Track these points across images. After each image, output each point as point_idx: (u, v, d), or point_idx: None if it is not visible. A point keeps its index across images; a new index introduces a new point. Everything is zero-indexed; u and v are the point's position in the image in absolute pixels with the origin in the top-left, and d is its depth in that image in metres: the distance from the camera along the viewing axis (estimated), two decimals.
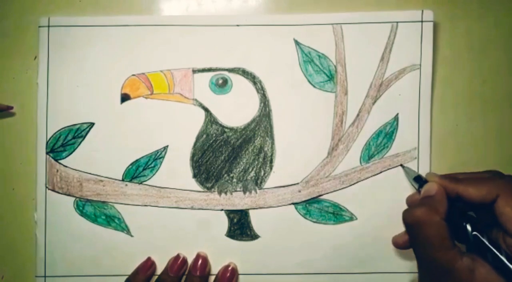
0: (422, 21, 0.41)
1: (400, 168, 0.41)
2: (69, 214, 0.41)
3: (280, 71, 0.42)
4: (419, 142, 0.41)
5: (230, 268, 0.41)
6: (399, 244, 0.37)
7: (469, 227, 0.30)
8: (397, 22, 0.41)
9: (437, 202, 0.31)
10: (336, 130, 0.42)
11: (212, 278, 0.41)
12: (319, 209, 0.42)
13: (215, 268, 0.41)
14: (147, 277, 0.40)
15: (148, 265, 0.41)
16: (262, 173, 0.42)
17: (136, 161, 0.42)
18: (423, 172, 0.41)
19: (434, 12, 0.41)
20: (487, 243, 0.29)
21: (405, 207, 0.38)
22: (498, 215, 0.29)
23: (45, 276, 0.41)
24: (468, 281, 0.28)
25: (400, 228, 0.36)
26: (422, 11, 0.41)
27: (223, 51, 0.42)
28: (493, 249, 0.28)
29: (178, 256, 0.41)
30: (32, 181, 0.42)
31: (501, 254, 0.28)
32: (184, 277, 0.41)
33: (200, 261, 0.40)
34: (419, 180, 0.36)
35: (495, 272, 0.28)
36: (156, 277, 0.41)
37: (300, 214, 0.42)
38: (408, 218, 0.31)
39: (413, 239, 0.31)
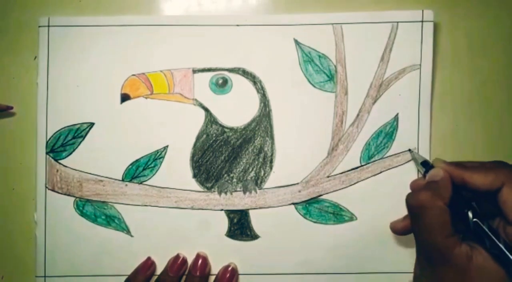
0: (422, 21, 0.41)
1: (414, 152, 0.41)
2: (69, 214, 0.41)
3: (280, 71, 0.42)
4: (419, 142, 0.41)
5: (230, 268, 0.41)
6: (397, 229, 0.37)
7: (470, 214, 0.30)
8: (397, 22, 0.41)
9: (441, 187, 0.31)
10: (336, 130, 0.42)
11: (212, 278, 0.41)
12: (319, 209, 0.42)
13: (215, 268, 0.41)
14: (147, 277, 0.40)
15: (148, 265, 0.41)
16: (262, 173, 0.42)
17: (136, 161, 0.42)
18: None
19: (435, 12, 0.41)
20: (486, 229, 0.29)
21: (405, 206, 0.38)
22: (502, 203, 0.30)
23: (45, 276, 0.41)
24: (464, 267, 0.28)
25: None
26: (423, 11, 0.41)
27: (223, 51, 0.42)
28: (492, 236, 0.29)
29: (178, 256, 0.41)
30: (32, 181, 0.42)
31: (499, 242, 0.28)
32: (184, 277, 0.41)
33: (200, 261, 0.40)
34: (425, 165, 0.36)
35: (492, 260, 0.29)
36: (156, 277, 0.41)
37: (300, 214, 0.42)
38: (411, 201, 0.31)
39: (415, 222, 0.31)
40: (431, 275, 0.30)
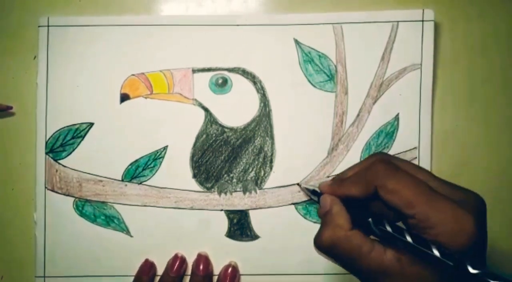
0: (423, 21, 0.41)
1: None
2: (68, 214, 0.41)
3: (280, 71, 0.42)
4: (419, 142, 0.41)
5: (231, 268, 0.41)
6: None
7: (371, 222, 0.29)
8: (397, 21, 0.41)
9: (335, 215, 0.29)
10: (336, 130, 0.42)
11: (215, 278, 0.41)
12: None
13: (215, 268, 0.41)
14: (151, 277, 0.40)
15: (149, 265, 0.41)
16: (262, 173, 0.42)
17: (136, 161, 0.42)
18: None
19: (435, 11, 0.41)
20: (391, 231, 0.28)
21: None
22: (386, 203, 0.28)
23: (44, 276, 0.41)
24: (399, 271, 0.27)
25: None
26: (423, 10, 0.41)
27: (223, 51, 0.42)
28: (399, 236, 0.27)
29: (176, 256, 0.41)
30: (31, 181, 0.42)
31: (405, 238, 0.27)
32: (188, 277, 0.41)
33: (202, 261, 0.40)
34: (316, 194, 0.34)
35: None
36: (158, 278, 0.41)
37: (300, 214, 0.42)
38: (320, 247, 0.29)
39: (337, 261, 0.29)
40: None
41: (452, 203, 0.26)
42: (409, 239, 0.27)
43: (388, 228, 0.28)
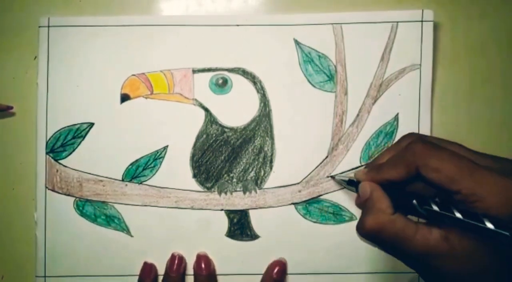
0: (422, 21, 0.41)
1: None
2: (69, 214, 0.41)
3: (280, 71, 0.42)
4: None
5: (281, 263, 0.41)
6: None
7: (416, 203, 0.28)
8: (397, 22, 0.41)
9: (376, 201, 0.29)
10: (336, 130, 0.42)
11: (219, 277, 0.41)
12: (319, 209, 0.42)
13: (215, 268, 0.41)
14: (152, 279, 0.40)
15: (148, 268, 0.41)
16: (262, 173, 0.42)
17: (136, 161, 0.42)
18: None
19: (435, 12, 0.41)
20: (438, 210, 0.27)
21: None
22: (429, 182, 0.28)
23: (45, 276, 0.41)
24: (447, 250, 0.26)
25: None
26: (423, 10, 0.41)
27: (223, 51, 0.42)
28: (447, 213, 0.27)
29: (173, 256, 0.41)
30: (32, 181, 0.42)
31: (454, 214, 0.27)
32: (191, 277, 0.41)
33: (202, 260, 0.40)
34: (353, 184, 0.34)
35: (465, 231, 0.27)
36: (161, 278, 0.41)
37: (300, 214, 0.42)
38: (363, 233, 0.29)
39: (382, 246, 0.29)
40: (431, 276, 0.28)
41: (496, 174, 0.26)
42: (458, 215, 0.26)
43: (435, 207, 0.28)
